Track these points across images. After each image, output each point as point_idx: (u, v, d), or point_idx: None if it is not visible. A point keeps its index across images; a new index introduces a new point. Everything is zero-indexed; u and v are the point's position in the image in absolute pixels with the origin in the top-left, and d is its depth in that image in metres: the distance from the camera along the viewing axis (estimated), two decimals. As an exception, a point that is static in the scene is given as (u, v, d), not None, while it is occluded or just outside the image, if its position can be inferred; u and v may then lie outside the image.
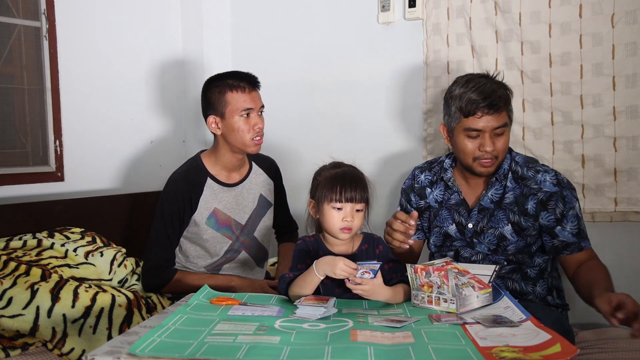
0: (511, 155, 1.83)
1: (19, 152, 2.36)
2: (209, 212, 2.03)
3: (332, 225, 1.50)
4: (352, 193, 1.48)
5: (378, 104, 2.62)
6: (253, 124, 1.98)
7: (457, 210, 1.85)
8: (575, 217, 1.75)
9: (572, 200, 1.75)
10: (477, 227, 1.80)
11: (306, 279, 1.46)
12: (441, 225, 1.87)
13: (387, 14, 2.53)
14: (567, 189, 1.76)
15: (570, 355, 1.06)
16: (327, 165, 1.58)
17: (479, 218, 1.80)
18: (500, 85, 1.78)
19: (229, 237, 2.08)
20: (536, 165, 1.80)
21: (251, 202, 2.12)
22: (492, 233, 1.78)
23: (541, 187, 1.74)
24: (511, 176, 1.79)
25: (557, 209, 1.73)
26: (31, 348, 1.73)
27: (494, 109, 1.70)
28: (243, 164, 2.12)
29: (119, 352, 1.11)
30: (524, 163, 1.80)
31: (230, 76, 2.01)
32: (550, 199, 1.73)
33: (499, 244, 1.78)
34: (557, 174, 1.77)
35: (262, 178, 2.18)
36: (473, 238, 1.81)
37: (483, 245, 1.80)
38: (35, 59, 2.38)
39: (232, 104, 1.97)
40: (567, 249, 1.75)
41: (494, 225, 1.78)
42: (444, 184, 1.90)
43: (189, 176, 2.03)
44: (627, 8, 2.02)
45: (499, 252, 1.79)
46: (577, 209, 1.76)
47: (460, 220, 1.83)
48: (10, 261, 1.87)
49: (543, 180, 1.75)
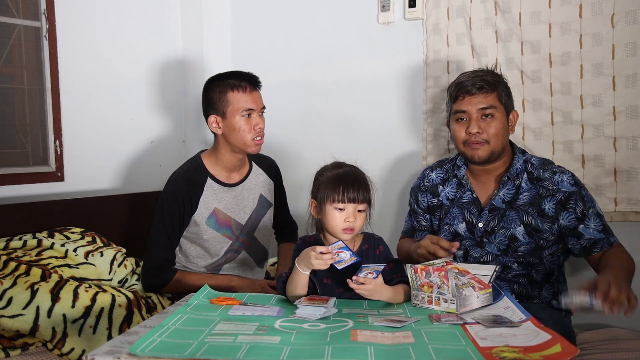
0: (524, 156, 1.84)
1: (19, 152, 2.36)
2: (209, 212, 2.03)
3: (334, 225, 1.50)
4: (354, 194, 1.48)
5: (378, 104, 2.62)
6: (254, 124, 1.98)
7: (469, 209, 1.84)
8: (597, 215, 1.73)
9: (592, 199, 1.75)
10: (488, 227, 1.79)
11: (294, 278, 1.47)
12: (451, 223, 1.87)
13: (387, 14, 2.53)
14: (584, 188, 1.76)
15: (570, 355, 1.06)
16: (328, 165, 1.58)
17: (490, 218, 1.79)
18: (492, 73, 1.82)
19: (229, 237, 2.08)
20: (552, 166, 1.81)
21: (251, 202, 2.12)
22: (504, 234, 1.77)
23: (559, 188, 1.74)
24: (526, 177, 1.79)
25: (578, 208, 1.72)
26: (31, 348, 1.73)
27: (477, 89, 1.74)
28: (243, 164, 2.12)
29: (119, 352, 1.11)
30: (539, 165, 1.81)
31: (232, 76, 2.01)
32: (570, 198, 1.73)
33: (510, 245, 1.77)
34: (573, 175, 1.78)
35: (262, 178, 2.18)
36: (483, 238, 1.80)
37: (493, 245, 1.79)
38: (35, 59, 2.38)
39: (234, 104, 1.97)
40: (596, 247, 1.73)
41: (505, 225, 1.77)
42: (457, 182, 1.90)
43: (189, 176, 2.03)
44: (627, 8, 2.02)
45: (509, 254, 1.77)
46: (597, 208, 1.75)
47: (471, 219, 1.83)
48: (10, 261, 1.87)
49: (560, 180, 1.75)
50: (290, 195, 2.32)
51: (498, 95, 1.77)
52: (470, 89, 1.76)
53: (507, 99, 1.81)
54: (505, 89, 1.82)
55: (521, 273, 1.77)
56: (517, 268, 1.77)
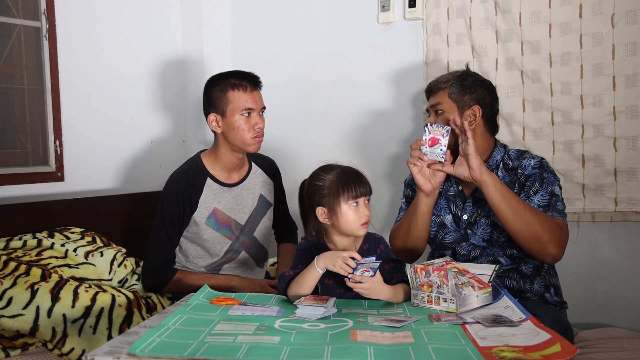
0: (505, 149, 1.87)
1: (19, 152, 2.36)
2: (209, 212, 2.03)
3: (352, 223, 1.49)
4: (363, 187, 1.50)
5: (378, 104, 2.62)
6: (253, 123, 1.98)
7: (454, 202, 1.88)
8: (550, 194, 1.73)
9: (552, 182, 1.75)
10: (472, 219, 1.83)
11: (305, 275, 1.46)
12: (438, 214, 1.90)
13: (387, 14, 2.53)
14: (548, 172, 1.77)
15: (570, 355, 1.06)
16: (318, 171, 1.56)
17: (474, 210, 1.84)
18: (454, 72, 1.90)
19: (228, 237, 2.08)
20: (525, 154, 1.84)
21: (251, 202, 2.12)
22: (485, 222, 1.80)
23: (524, 172, 1.78)
24: (502, 167, 1.83)
25: (533, 188, 1.74)
26: (31, 348, 1.73)
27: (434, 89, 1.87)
28: (243, 163, 2.12)
29: (119, 352, 1.11)
30: (515, 156, 1.84)
31: (233, 75, 2.02)
32: (528, 179, 1.76)
33: (492, 234, 1.79)
34: (542, 160, 1.79)
35: (262, 178, 2.18)
36: (467, 229, 1.83)
37: (477, 237, 1.81)
38: (35, 59, 2.38)
39: (234, 103, 1.97)
40: None
41: (485, 214, 1.80)
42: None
43: (188, 176, 2.03)
44: (627, 8, 2.02)
45: (493, 243, 1.79)
46: (555, 190, 1.75)
47: (457, 212, 1.87)
48: (10, 261, 1.87)
49: (527, 165, 1.79)
50: (290, 195, 2.32)
51: (449, 92, 1.84)
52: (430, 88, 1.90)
53: (458, 95, 1.83)
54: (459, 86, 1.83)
55: (511, 268, 1.79)
56: (506, 262, 1.79)
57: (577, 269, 2.18)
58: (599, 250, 2.19)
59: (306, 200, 1.56)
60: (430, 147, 1.71)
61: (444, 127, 1.69)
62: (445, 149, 1.70)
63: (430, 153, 1.72)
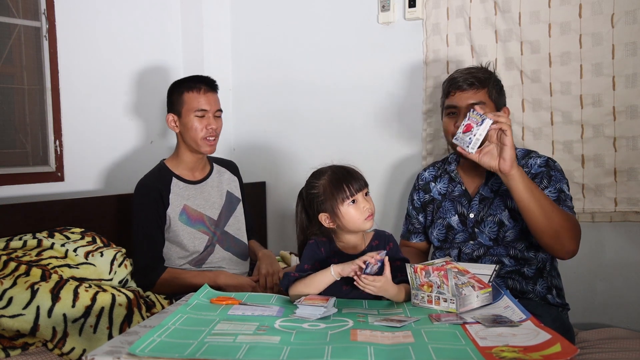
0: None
1: (19, 152, 2.36)
2: (180, 209, 2.10)
3: (356, 220, 1.51)
4: (356, 183, 1.51)
5: (378, 104, 2.62)
6: (206, 124, 2.07)
7: (460, 202, 1.88)
8: (559, 190, 1.73)
9: (560, 180, 1.76)
10: (478, 217, 1.83)
11: (316, 279, 1.47)
12: (444, 216, 1.90)
13: (387, 14, 2.53)
14: (555, 170, 1.77)
15: (570, 355, 1.06)
16: (310, 179, 1.57)
17: (480, 208, 1.83)
18: (484, 70, 1.86)
19: (204, 232, 2.13)
20: (532, 154, 1.84)
21: (219, 198, 2.19)
22: (492, 220, 1.81)
23: (530, 170, 1.78)
24: None
25: (541, 185, 1.74)
26: (31, 348, 1.73)
27: (468, 85, 1.78)
28: (204, 164, 2.22)
29: (119, 352, 1.11)
30: (522, 155, 1.84)
31: (191, 79, 2.14)
32: (535, 177, 1.76)
33: (499, 232, 1.79)
34: (549, 159, 1.80)
35: (227, 175, 2.27)
36: (474, 228, 1.83)
37: (484, 235, 1.81)
38: (35, 59, 2.38)
39: (188, 104, 2.08)
40: None
41: (492, 212, 1.81)
42: (448, 177, 1.95)
43: (155, 177, 2.12)
44: (627, 8, 2.02)
45: (499, 242, 1.79)
46: (564, 188, 1.75)
47: (463, 211, 1.87)
48: (10, 261, 1.87)
49: (533, 163, 1.79)
50: (290, 195, 2.33)
51: (488, 91, 1.81)
52: (462, 84, 1.80)
53: (497, 96, 1.84)
54: (496, 86, 1.85)
55: (514, 269, 1.79)
56: (509, 263, 1.79)
57: (576, 269, 2.18)
58: (599, 250, 2.19)
59: (309, 210, 1.58)
60: (463, 132, 1.65)
61: (481, 115, 1.61)
62: (474, 137, 1.61)
63: (460, 139, 1.64)
